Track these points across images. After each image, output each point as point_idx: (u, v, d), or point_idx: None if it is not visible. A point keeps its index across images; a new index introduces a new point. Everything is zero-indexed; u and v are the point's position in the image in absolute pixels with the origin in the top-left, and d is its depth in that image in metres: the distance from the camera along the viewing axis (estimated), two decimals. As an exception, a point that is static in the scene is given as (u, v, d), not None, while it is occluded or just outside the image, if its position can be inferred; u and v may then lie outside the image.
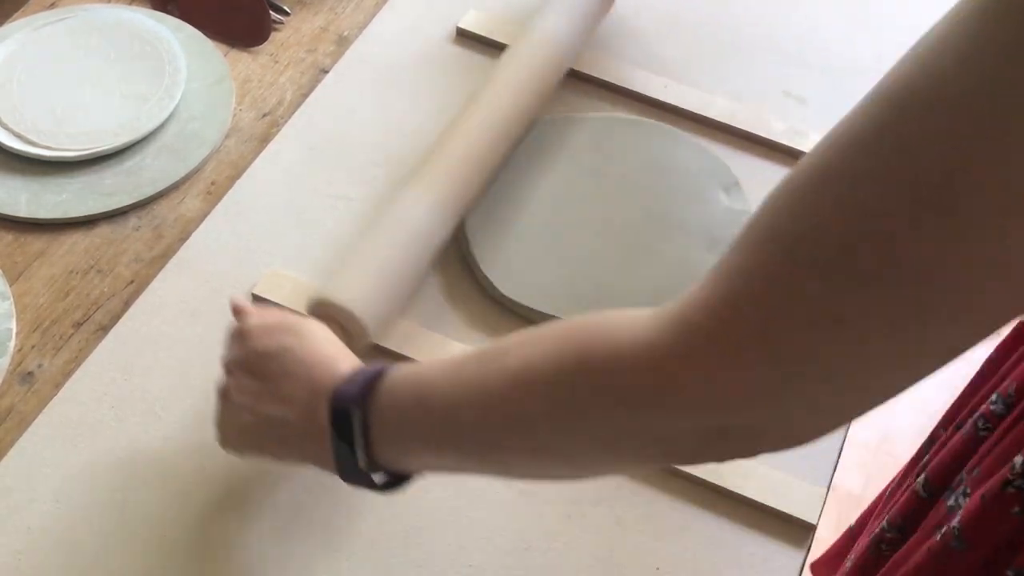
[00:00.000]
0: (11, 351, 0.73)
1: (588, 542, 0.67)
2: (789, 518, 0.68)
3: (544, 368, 0.47)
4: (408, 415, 0.53)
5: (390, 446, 0.54)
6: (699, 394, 0.42)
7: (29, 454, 0.68)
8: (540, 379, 0.47)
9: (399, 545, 0.66)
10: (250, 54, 0.92)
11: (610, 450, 0.47)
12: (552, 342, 0.48)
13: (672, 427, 0.44)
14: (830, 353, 0.40)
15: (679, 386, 0.42)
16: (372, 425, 0.54)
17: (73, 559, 0.64)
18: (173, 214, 0.81)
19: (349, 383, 0.56)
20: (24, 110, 0.85)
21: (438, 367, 0.54)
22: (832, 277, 0.38)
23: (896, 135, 0.37)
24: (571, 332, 0.48)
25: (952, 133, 0.35)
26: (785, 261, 0.39)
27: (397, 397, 0.54)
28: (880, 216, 0.37)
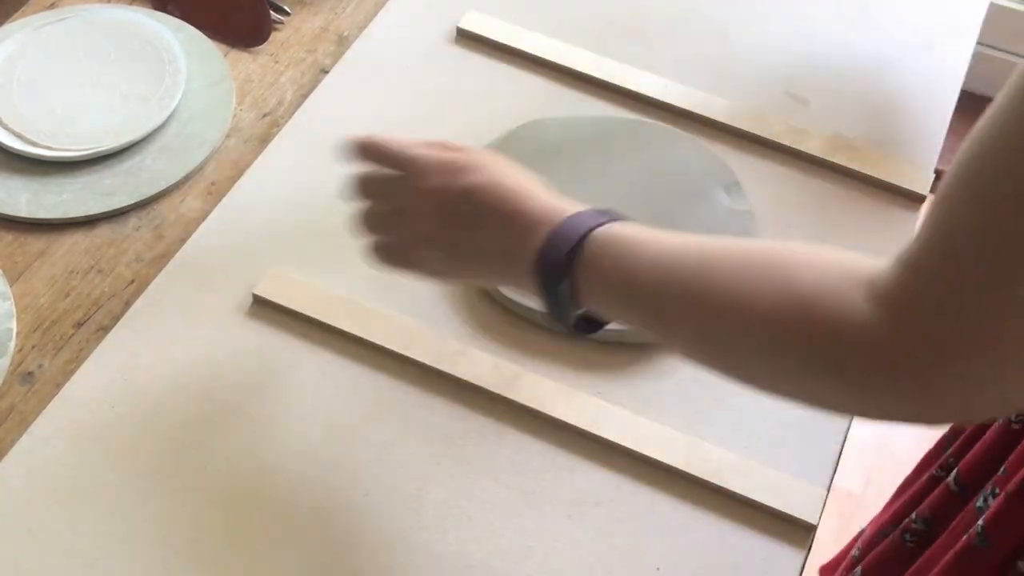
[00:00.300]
0: (11, 351, 0.73)
1: (588, 542, 0.67)
2: (789, 518, 0.68)
3: (762, 311, 0.48)
4: (614, 293, 0.55)
5: (593, 305, 0.57)
6: (915, 390, 0.44)
7: (29, 454, 0.68)
8: (756, 320, 0.49)
9: (399, 545, 0.66)
10: (250, 54, 0.92)
11: (805, 396, 0.50)
12: (772, 284, 0.49)
13: (877, 404, 0.47)
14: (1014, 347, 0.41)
15: (895, 377, 0.44)
16: (579, 290, 0.56)
17: (73, 559, 0.64)
18: (173, 214, 0.81)
19: (558, 240, 0.55)
20: (24, 110, 0.85)
21: (651, 254, 0.54)
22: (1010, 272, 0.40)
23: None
24: (794, 280, 0.48)
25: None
26: (964, 259, 0.41)
27: (605, 272, 0.55)
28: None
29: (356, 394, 0.72)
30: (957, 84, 0.95)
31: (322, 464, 0.69)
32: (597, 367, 0.74)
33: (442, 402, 0.72)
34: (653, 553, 0.67)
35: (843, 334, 0.45)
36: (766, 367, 0.50)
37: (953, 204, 0.42)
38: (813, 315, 0.46)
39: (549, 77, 0.92)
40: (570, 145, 0.85)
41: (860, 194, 0.86)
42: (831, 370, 0.46)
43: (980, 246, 0.41)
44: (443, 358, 0.73)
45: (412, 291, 0.77)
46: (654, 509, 0.69)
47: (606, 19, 0.97)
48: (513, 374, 0.73)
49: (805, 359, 0.47)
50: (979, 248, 0.41)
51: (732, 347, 0.51)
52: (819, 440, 0.72)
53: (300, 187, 0.83)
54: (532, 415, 0.72)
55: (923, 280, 0.43)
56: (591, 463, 0.70)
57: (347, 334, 0.74)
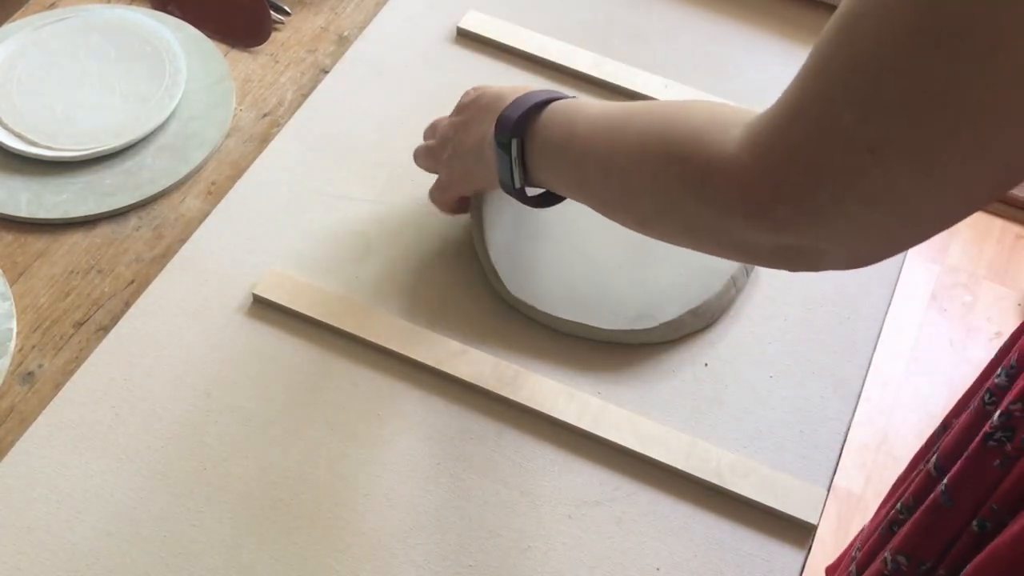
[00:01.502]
0: (11, 351, 0.73)
1: (588, 542, 0.67)
2: (789, 518, 0.68)
3: (654, 152, 0.56)
4: (553, 153, 0.64)
5: (537, 171, 0.66)
6: (770, 212, 0.48)
7: (29, 454, 0.68)
8: (649, 155, 0.56)
9: (399, 545, 0.66)
10: (250, 54, 0.93)
11: (695, 235, 0.56)
12: (667, 125, 0.55)
13: (750, 236, 0.51)
14: (867, 181, 0.44)
15: (756, 202, 0.49)
16: (527, 152, 0.65)
17: (73, 559, 0.64)
18: (173, 214, 0.81)
19: (512, 108, 0.65)
20: (24, 110, 0.85)
21: (584, 117, 0.62)
22: (863, 108, 0.42)
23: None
24: (689, 121, 0.54)
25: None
26: (823, 96, 0.44)
27: (548, 135, 0.64)
28: (904, 46, 0.40)
29: (356, 394, 0.72)
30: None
31: (321, 464, 0.69)
32: (597, 367, 0.74)
33: (442, 402, 0.72)
34: (653, 553, 0.67)
35: (711, 161, 0.51)
36: (657, 201, 0.57)
37: (822, 45, 0.45)
38: (693, 146, 0.52)
39: (549, 77, 0.92)
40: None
41: (860, 194, 0.86)
42: (703, 196, 0.52)
43: (847, 70, 0.43)
44: (443, 358, 0.73)
45: (412, 291, 0.77)
46: (654, 509, 0.69)
47: (606, 19, 0.97)
48: (513, 374, 0.73)
49: (684, 187, 0.53)
50: (847, 73, 0.43)
51: (627, 187, 0.59)
52: (819, 440, 0.72)
53: (300, 187, 0.83)
54: (532, 415, 0.72)
55: (786, 107, 0.47)
56: (591, 463, 0.70)
57: (347, 334, 0.74)
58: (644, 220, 0.60)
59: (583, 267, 0.77)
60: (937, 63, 0.39)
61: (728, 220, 0.51)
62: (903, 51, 0.40)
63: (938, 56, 0.39)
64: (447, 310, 0.77)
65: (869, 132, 0.42)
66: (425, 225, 0.81)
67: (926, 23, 0.39)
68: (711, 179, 0.51)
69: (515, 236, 0.78)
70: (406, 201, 0.83)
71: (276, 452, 0.69)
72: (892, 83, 0.41)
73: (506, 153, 0.65)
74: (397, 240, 0.80)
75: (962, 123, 0.40)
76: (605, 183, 0.61)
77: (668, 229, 0.58)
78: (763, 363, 0.76)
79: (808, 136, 0.45)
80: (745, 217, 0.49)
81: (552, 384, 0.73)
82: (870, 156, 0.43)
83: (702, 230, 0.55)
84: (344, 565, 0.65)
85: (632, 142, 0.58)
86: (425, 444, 0.70)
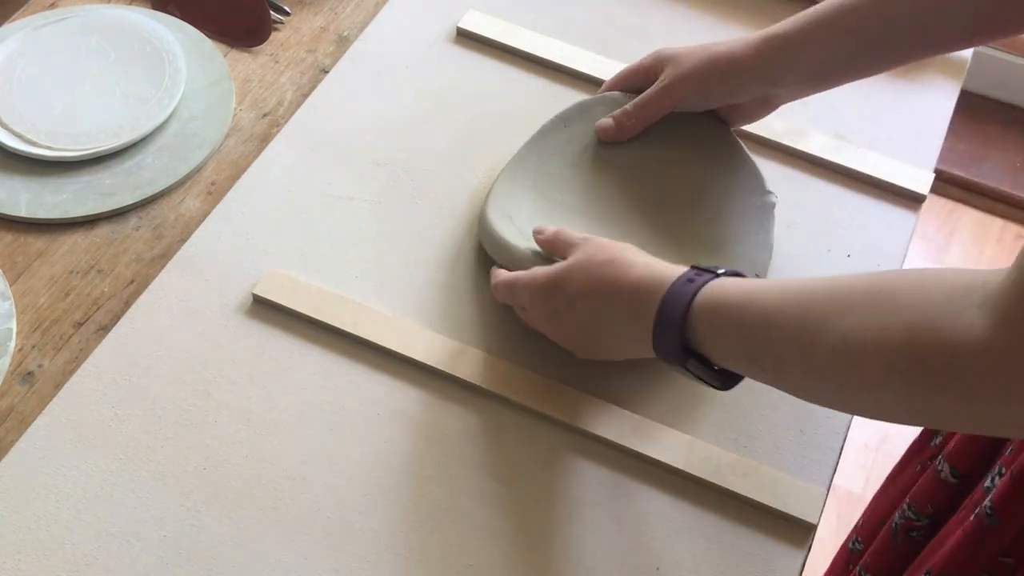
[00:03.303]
0: (11, 351, 0.73)
1: (588, 542, 0.67)
2: (789, 518, 0.68)
3: (873, 345, 0.50)
4: (729, 349, 0.60)
5: (712, 356, 0.61)
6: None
7: (29, 454, 0.68)
8: (868, 355, 0.51)
9: (399, 545, 0.66)
10: (250, 54, 0.93)
11: (928, 418, 0.54)
12: (879, 317, 0.51)
13: (1006, 412, 0.47)
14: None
15: (1010, 383, 0.45)
16: (695, 344, 0.61)
17: (73, 559, 0.64)
18: (173, 214, 0.81)
19: (671, 301, 0.61)
20: (24, 110, 0.85)
21: (759, 305, 0.58)
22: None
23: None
24: (900, 309, 0.50)
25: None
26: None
27: (717, 324, 0.60)
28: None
29: (356, 394, 0.72)
30: (957, 84, 0.95)
31: (321, 464, 0.69)
32: (597, 367, 0.74)
33: (442, 402, 0.72)
34: (653, 553, 0.67)
35: (956, 351, 0.46)
36: (885, 398, 0.52)
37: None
38: (922, 339, 0.48)
39: (549, 77, 0.92)
40: (594, 144, 0.83)
41: (860, 194, 0.86)
42: (950, 388, 0.47)
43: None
44: (443, 358, 0.73)
45: (412, 291, 0.77)
46: (654, 509, 0.69)
47: (606, 19, 0.97)
48: (513, 374, 0.73)
49: (921, 383, 0.49)
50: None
51: (847, 383, 0.53)
52: (819, 440, 0.72)
53: (300, 187, 0.83)
54: (532, 414, 0.72)
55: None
56: (591, 463, 0.70)
57: (347, 334, 0.74)
58: (854, 407, 0.57)
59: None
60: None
61: (969, 404, 0.48)
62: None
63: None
64: (447, 310, 0.77)
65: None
66: (425, 226, 0.81)
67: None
68: (957, 369, 0.47)
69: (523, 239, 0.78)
70: (406, 201, 0.83)
71: (276, 452, 0.69)
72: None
73: (674, 352, 0.62)
74: (397, 240, 0.80)
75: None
76: (809, 383, 0.57)
77: (886, 414, 0.54)
78: (763, 363, 0.76)
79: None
80: (990, 399, 0.47)
81: (552, 384, 0.73)
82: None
83: (934, 413, 0.52)
84: (344, 565, 0.65)
85: (831, 339, 0.53)
86: (425, 444, 0.70)
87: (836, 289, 0.55)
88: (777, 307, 0.57)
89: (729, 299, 0.59)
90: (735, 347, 0.60)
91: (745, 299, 0.59)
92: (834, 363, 0.53)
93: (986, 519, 0.70)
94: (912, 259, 1.80)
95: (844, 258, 0.82)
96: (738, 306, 0.59)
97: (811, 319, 0.54)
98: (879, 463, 1.72)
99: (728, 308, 0.59)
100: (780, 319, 0.56)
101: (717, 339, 0.60)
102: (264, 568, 0.65)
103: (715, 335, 0.60)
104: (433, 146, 0.86)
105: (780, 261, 0.81)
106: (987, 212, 2.05)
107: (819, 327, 0.54)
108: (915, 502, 0.82)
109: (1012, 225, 2.04)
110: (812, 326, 0.54)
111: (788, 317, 0.56)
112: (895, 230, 0.84)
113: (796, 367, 0.56)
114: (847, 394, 0.55)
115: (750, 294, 0.59)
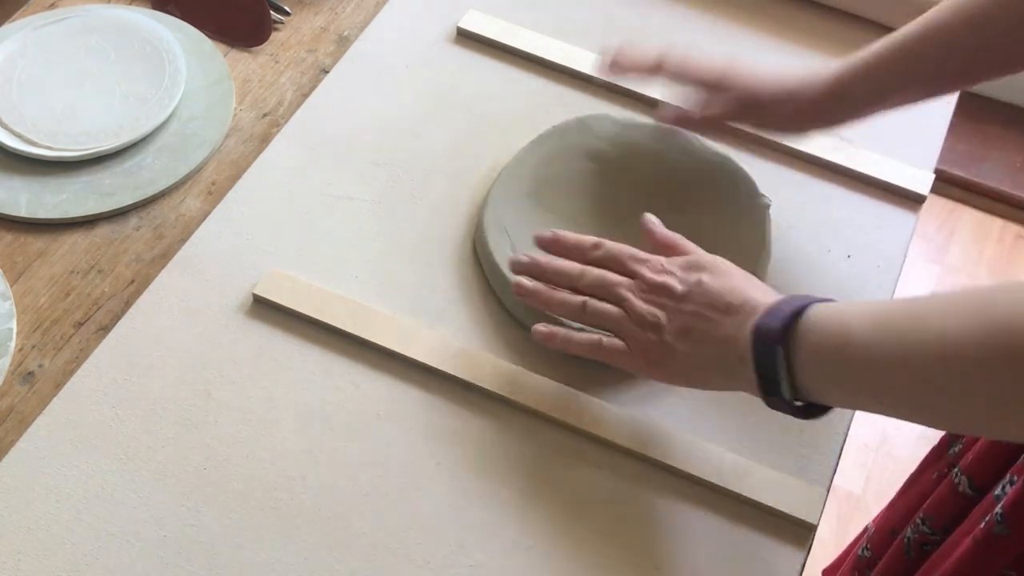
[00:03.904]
0: (11, 351, 0.73)
1: (588, 542, 0.67)
2: (789, 518, 0.68)
3: (970, 349, 0.50)
4: (829, 361, 0.58)
5: (811, 382, 0.59)
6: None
7: (29, 454, 0.68)
8: (969, 360, 0.51)
9: (399, 545, 0.66)
10: (250, 54, 0.93)
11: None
12: (977, 322, 0.50)
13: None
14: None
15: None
16: (794, 363, 0.59)
17: (73, 559, 0.64)
18: (173, 214, 0.81)
19: (770, 316, 0.60)
20: (24, 110, 0.85)
21: (859, 318, 0.57)
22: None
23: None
24: (997, 314, 0.50)
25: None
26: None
27: (819, 342, 0.58)
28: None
29: (356, 394, 0.72)
30: (957, 84, 0.95)
31: (321, 464, 0.69)
32: (597, 367, 0.74)
33: (442, 402, 0.72)
34: (653, 553, 0.67)
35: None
36: (994, 408, 0.51)
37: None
38: (1021, 342, 0.48)
39: (549, 77, 0.92)
40: (594, 150, 0.84)
41: (860, 194, 0.86)
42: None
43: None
44: (443, 358, 0.73)
45: (412, 292, 0.77)
46: (654, 509, 0.69)
47: (606, 19, 0.97)
48: (513, 374, 0.73)
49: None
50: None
51: (950, 394, 0.53)
52: (819, 440, 0.72)
53: (300, 187, 0.83)
54: (532, 415, 0.72)
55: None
56: (591, 463, 0.70)
57: (347, 334, 0.74)
58: (965, 421, 0.56)
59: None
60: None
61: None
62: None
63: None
64: (447, 311, 0.77)
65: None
66: (425, 226, 0.81)
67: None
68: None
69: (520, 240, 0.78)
70: (406, 201, 0.83)
71: (276, 452, 0.69)
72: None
73: (770, 366, 0.60)
74: (397, 240, 0.80)
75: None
76: (911, 391, 0.55)
77: (999, 424, 0.54)
78: (763, 363, 0.76)
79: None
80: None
81: (552, 384, 0.73)
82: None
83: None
84: (344, 565, 0.65)
85: (932, 349, 0.53)
86: (425, 444, 0.70)
87: (940, 301, 0.54)
88: (885, 311, 0.56)
89: (833, 308, 0.59)
90: (832, 351, 0.58)
91: (850, 309, 0.58)
92: (934, 373, 0.53)
93: (996, 527, 0.70)
94: (912, 259, 1.80)
95: (844, 258, 0.82)
96: (841, 313, 0.58)
97: (914, 329, 0.54)
98: (879, 463, 1.72)
99: (832, 314, 0.58)
100: (887, 323, 0.56)
101: (813, 342, 0.58)
102: (264, 568, 0.65)
103: (814, 338, 0.58)
104: (433, 146, 0.86)
105: (780, 261, 0.81)
106: (987, 212, 2.05)
107: (922, 335, 0.53)
108: (930, 517, 0.81)
109: (1012, 225, 2.04)
110: (916, 333, 0.54)
111: (894, 322, 0.55)
112: (895, 230, 0.84)
113: (892, 374, 0.55)
114: (943, 407, 0.54)
115: (855, 306, 0.58)
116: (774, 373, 0.59)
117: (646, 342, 0.65)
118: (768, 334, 0.59)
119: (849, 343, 0.56)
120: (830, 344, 0.57)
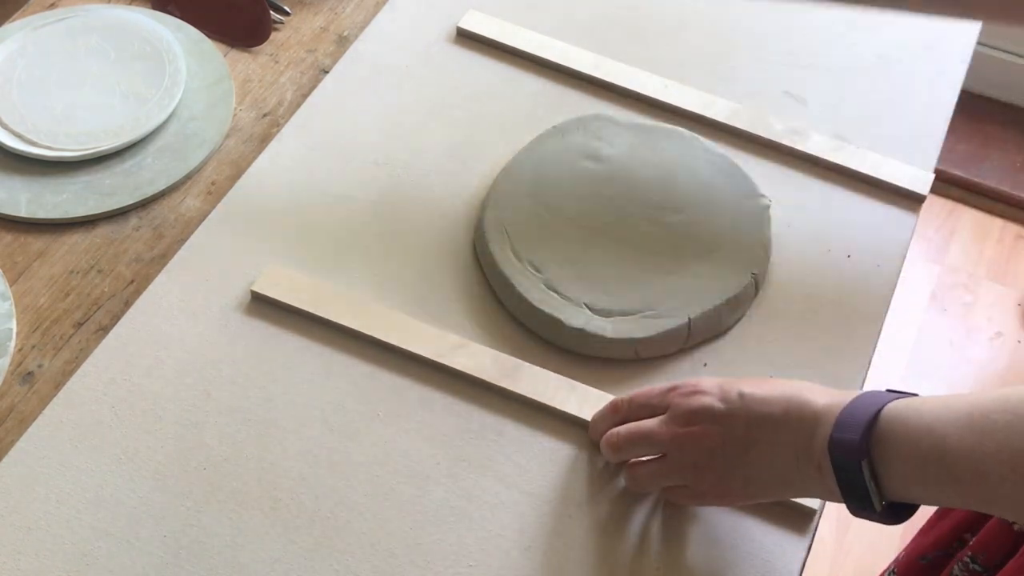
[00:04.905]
0: (11, 351, 0.73)
1: (588, 542, 0.67)
2: (789, 517, 0.68)
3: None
4: (924, 469, 0.54)
5: (902, 490, 0.56)
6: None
7: (29, 454, 0.68)
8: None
9: (399, 545, 0.66)
10: (250, 54, 0.93)
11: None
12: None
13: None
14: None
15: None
16: (881, 475, 0.55)
17: (73, 559, 0.64)
18: (173, 214, 0.81)
19: (845, 429, 0.56)
20: (24, 110, 0.85)
21: (948, 419, 0.54)
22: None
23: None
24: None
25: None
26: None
27: (909, 452, 0.55)
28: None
29: (356, 393, 0.72)
30: (957, 84, 0.95)
31: (321, 463, 0.69)
32: (597, 366, 0.74)
33: (442, 400, 0.72)
34: (653, 553, 0.67)
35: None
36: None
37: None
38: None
39: (549, 77, 0.92)
40: (595, 152, 0.84)
41: (860, 194, 0.86)
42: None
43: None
44: (443, 352, 0.73)
45: (412, 292, 0.77)
46: (654, 509, 0.69)
47: (606, 19, 0.97)
48: (514, 366, 0.73)
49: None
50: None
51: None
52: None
53: (300, 187, 0.83)
54: (533, 409, 0.72)
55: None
56: (592, 462, 0.70)
57: (346, 329, 0.74)
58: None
59: (600, 272, 0.76)
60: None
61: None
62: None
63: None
64: (447, 310, 0.77)
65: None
66: (425, 225, 0.81)
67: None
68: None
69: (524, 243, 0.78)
70: (406, 201, 0.83)
71: (276, 452, 0.69)
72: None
73: (856, 482, 0.56)
74: (397, 240, 0.80)
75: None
76: (1014, 488, 0.52)
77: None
78: (763, 363, 0.76)
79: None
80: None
81: (553, 376, 0.72)
82: None
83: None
84: (344, 565, 0.65)
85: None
86: (425, 444, 0.70)
87: (1014, 397, 0.52)
88: (977, 408, 0.54)
89: (913, 405, 0.56)
90: (923, 453, 0.54)
91: (933, 406, 0.55)
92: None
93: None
94: (912, 259, 1.80)
95: (844, 258, 0.82)
96: (925, 411, 0.55)
97: (993, 421, 0.52)
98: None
99: (915, 412, 0.55)
100: (983, 421, 0.53)
101: (900, 444, 0.55)
102: (264, 568, 0.65)
103: (900, 440, 0.55)
104: (433, 146, 0.86)
105: (780, 261, 0.81)
106: (987, 212, 2.04)
107: (1004, 426, 0.52)
108: (982, 554, 0.79)
109: (1012, 225, 2.04)
110: (1000, 425, 0.52)
111: (991, 419, 0.53)
112: (895, 230, 0.84)
113: (1001, 473, 0.52)
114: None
115: (935, 401, 0.55)
116: (862, 488, 0.56)
117: (700, 483, 0.63)
118: (848, 449, 0.56)
119: (946, 450, 0.53)
120: (922, 452, 0.54)
